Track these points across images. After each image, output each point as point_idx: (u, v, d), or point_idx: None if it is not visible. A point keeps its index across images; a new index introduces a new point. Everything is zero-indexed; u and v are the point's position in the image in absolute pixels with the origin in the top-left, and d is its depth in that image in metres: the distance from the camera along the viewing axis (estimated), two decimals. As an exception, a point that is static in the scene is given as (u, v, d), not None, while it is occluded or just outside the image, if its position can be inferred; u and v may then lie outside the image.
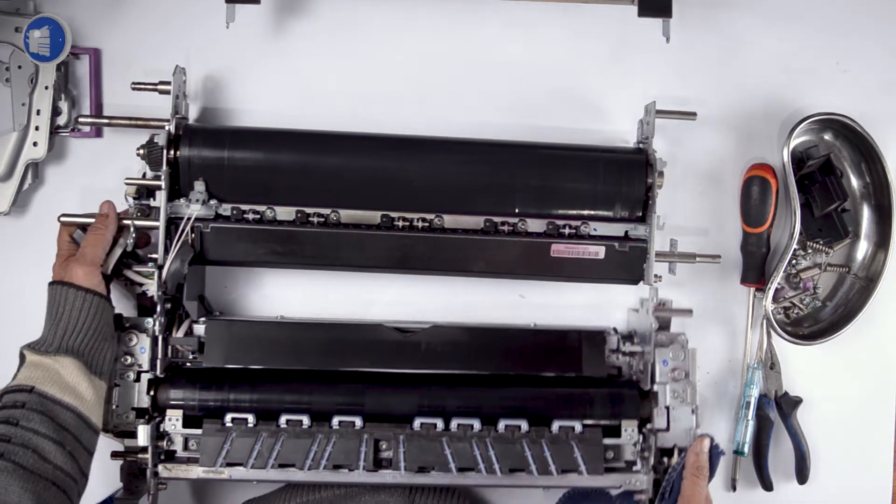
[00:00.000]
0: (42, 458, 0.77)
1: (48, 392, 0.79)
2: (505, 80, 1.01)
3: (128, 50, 0.98)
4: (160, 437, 0.90)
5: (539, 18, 1.01)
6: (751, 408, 1.01)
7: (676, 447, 0.92)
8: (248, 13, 0.97)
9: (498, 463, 0.89)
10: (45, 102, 0.95)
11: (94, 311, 0.84)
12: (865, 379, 1.04)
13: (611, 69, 1.02)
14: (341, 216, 0.93)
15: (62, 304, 0.84)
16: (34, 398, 0.79)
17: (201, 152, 0.91)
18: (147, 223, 0.90)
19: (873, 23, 1.04)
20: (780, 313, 1.03)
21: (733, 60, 1.03)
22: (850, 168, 1.02)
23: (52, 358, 0.81)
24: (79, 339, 0.83)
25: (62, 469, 0.78)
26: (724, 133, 1.03)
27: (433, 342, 0.94)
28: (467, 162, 0.94)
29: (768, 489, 1.02)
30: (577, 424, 0.91)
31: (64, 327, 0.83)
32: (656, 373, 0.93)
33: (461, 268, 0.95)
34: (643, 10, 0.94)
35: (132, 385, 0.90)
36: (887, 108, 1.03)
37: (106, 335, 0.86)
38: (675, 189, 1.01)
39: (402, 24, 1.01)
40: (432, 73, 1.01)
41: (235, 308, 1.01)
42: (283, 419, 0.90)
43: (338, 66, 1.01)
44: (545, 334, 0.96)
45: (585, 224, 0.94)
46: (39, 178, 0.99)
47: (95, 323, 0.84)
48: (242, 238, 0.92)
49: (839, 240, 1.02)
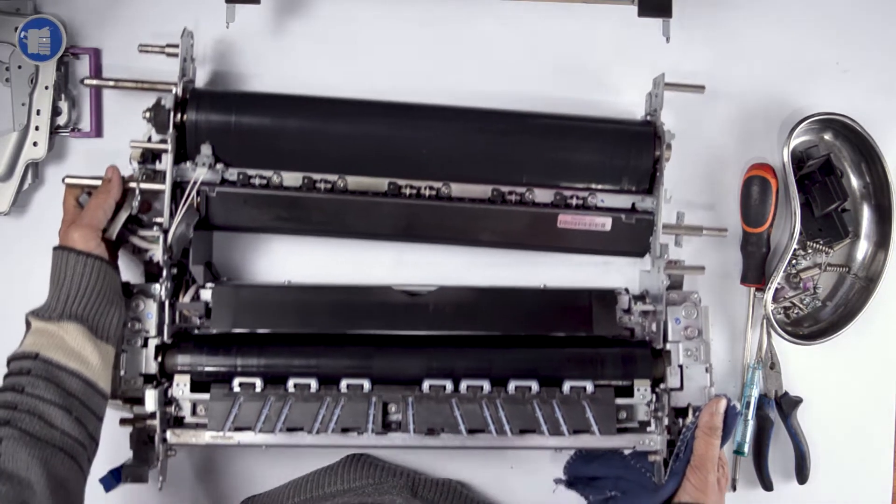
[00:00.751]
0: (48, 424, 0.76)
1: (53, 358, 0.79)
2: (513, 55, 1.01)
3: (128, 50, 0.97)
4: (168, 403, 0.90)
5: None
6: (751, 408, 1.00)
7: (690, 406, 0.90)
8: (248, 13, 0.97)
9: (508, 424, 0.88)
10: (45, 102, 0.96)
11: (96, 275, 0.84)
12: (865, 379, 1.04)
13: (611, 69, 1.01)
14: (348, 183, 0.93)
15: (63, 269, 0.84)
16: (39, 364, 0.78)
17: (208, 116, 0.91)
18: (152, 186, 0.90)
19: (873, 23, 1.03)
20: (780, 313, 1.03)
21: (733, 60, 1.02)
22: (850, 168, 1.02)
23: (56, 324, 0.81)
24: (82, 303, 0.83)
25: (70, 435, 0.77)
26: (724, 133, 1.02)
27: (441, 304, 0.92)
28: (475, 131, 0.94)
29: (768, 489, 1.01)
30: (588, 384, 0.89)
31: (66, 292, 0.83)
32: (668, 331, 0.91)
33: (468, 237, 0.95)
34: (643, 10, 0.93)
35: (139, 351, 0.89)
36: (887, 108, 1.02)
37: (111, 299, 0.85)
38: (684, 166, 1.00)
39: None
40: (436, 60, 1.01)
41: (242, 275, 1.01)
42: (290, 383, 0.89)
43: (338, 64, 1.01)
44: (555, 294, 0.95)
45: (593, 195, 0.94)
46: (39, 178, 0.99)
47: (99, 287, 0.84)
48: (248, 203, 0.92)
49: (839, 240, 1.01)
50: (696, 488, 0.85)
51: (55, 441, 0.76)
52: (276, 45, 1.00)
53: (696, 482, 0.86)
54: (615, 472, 0.94)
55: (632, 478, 0.92)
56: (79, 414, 0.79)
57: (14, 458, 0.72)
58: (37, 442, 0.74)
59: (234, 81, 1.00)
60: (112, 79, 0.94)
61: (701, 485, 0.85)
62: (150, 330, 0.90)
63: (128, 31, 0.99)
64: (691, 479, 0.86)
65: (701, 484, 0.85)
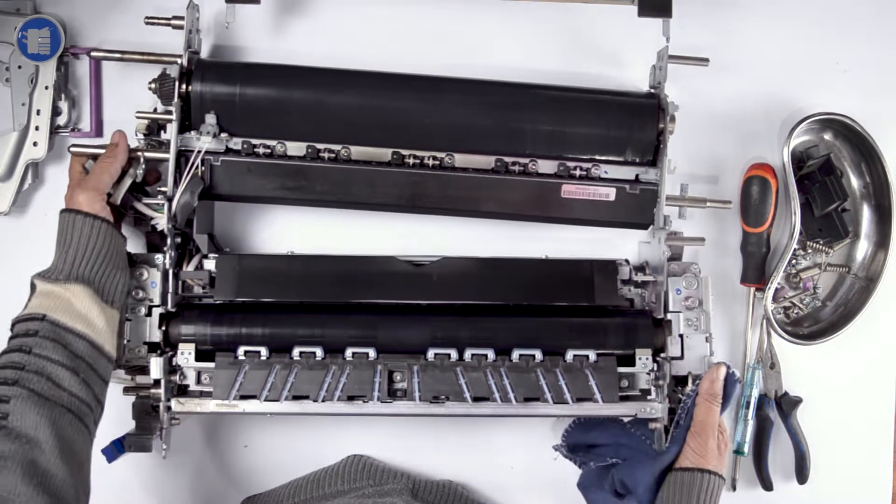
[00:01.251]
0: (56, 384, 0.76)
1: (60, 320, 0.79)
2: (513, 54, 1.02)
3: (127, 48, 0.96)
4: (172, 372, 0.90)
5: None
6: (751, 408, 1.01)
7: (691, 375, 0.92)
8: (248, 13, 0.98)
9: (513, 392, 0.89)
10: (45, 102, 0.96)
11: (103, 238, 0.84)
12: (865, 379, 1.04)
13: (610, 67, 1.02)
14: (352, 152, 0.93)
15: (70, 230, 0.83)
16: (46, 326, 0.78)
17: (213, 87, 0.91)
18: (157, 155, 0.90)
19: (873, 23, 1.04)
20: (780, 313, 1.03)
21: (733, 60, 1.03)
22: (850, 168, 1.02)
23: (62, 286, 0.81)
24: (89, 265, 0.83)
25: (77, 396, 0.77)
26: (724, 133, 1.03)
27: (445, 274, 0.93)
28: (479, 102, 0.94)
29: (768, 489, 1.02)
30: (591, 353, 0.90)
31: (73, 254, 0.83)
32: (669, 301, 0.93)
33: (471, 207, 0.95)
34: (643, 9, 0.93)
35: (143, 320, 0.89)
36: (887, 108, 1.03)
37: (117, 263, 0.85)
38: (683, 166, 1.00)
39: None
40: (438, 48, 1.02)
41: (245, 247, 1.01)
42: (295, 352, 0.89)
43: (340, 43, 1.01)
44: (557, 264, 0.96)
45: (596, 166, 0.94)
46: (39, 178, 0.99)
47: (105, 249, 0.84)
48: (252, 172, 0.92)
49: (839, 240, 1.02)
50: (696, 454, 0.87)
51: (63, 401, 0.76)
52: (276, 45, 1.01)
53: (696, 448, 0.87)
54: (614, 440, 0.95)
55: (631, 444, 0.93)
56: (86, 376, 0.78)
57: (23, 417, 0.72)
58: (45, 402, 0.74)
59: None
60: (118, 51, 0.94)
61: (701, 450, 0.87)
62: (154, 299, 0.90)
63: (128, 31, 0.98)
64: (692, 444, 0.87)
65: (701, 449, 0.87)
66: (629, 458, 0.92)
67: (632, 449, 0.93)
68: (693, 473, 0.86)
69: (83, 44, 0.98)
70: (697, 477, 0.85)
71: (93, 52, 0.94)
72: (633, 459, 0.92)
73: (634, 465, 0.90)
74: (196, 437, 1.01)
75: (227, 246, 0.99)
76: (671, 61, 0.94)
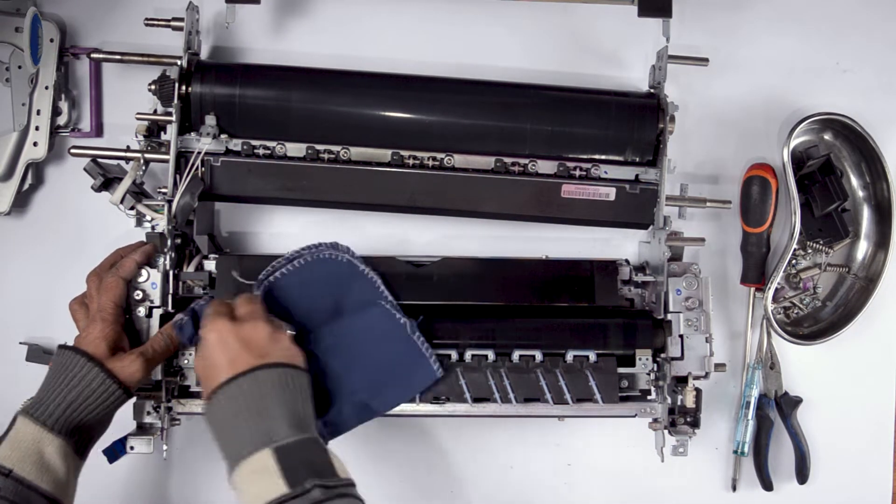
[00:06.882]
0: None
1: (26, 478, 0.75)
2: (512, 53, 1.02)
3: (127, 50, 0.95)
4: (173, 374, 0.90)
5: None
6: (751, 408, 1.01)
7: (691, 375, 0.91)
8: (248, 13, 0.98)
9: (513, 392, 0.89)
10: (45, 102, 0.96)
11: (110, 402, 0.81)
12: (865, 379, 1.04)
13: (610, 67, 1.02)
14: (352, 153, 0.93)
15: (70, 375, 0.80)
16: (10, 484, 0.75)
17: (213, 89, 0.91)
18: (157, 156, 0.90)
19: (873, 23, 1.04)
20: (780, 313, 1.03)
21: (733, 60, 1.03)
22: (850, 168, 1.02)
23: (46, 432, 0.77)
24: (79, 417, 0.79)
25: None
26: (724, 133, 1.03)
27: (445, 274, 0.93)
28: (479, 102, 0.94)
29: (768, 489, 1.02)
30: (591, 354, 0.90)
31: (69, 402, 0.79)
32: (669, 302, 0.92)
33: (471, 207, 0.95)
34: (643, 9, 0.93)
35: (144, 321, 0.89)
36: (887, 108, 1.03)
37: (104, 421, 0.82)
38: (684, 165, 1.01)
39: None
40: (438, 48, 1.02)
41: (245, 247, 1.01)
42: (296, 352, 0.89)
43: (338, 45, 1.01)
44: (557, 265, 0.96)
45: (596, 166, 0.94)
46: (39, 179, 0.99)
47: (106, 414, 0.81)
48: (252, 173, 0.92)
49: (839, 240, 1.02)
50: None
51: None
52: (276, 46, 1.01)
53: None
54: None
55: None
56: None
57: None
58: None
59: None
60: (118, 52, 0.94)
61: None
62: (154, 300, 0.89)
63: (128, 31, 0.98)
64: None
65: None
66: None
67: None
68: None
69: (83, 44, 0.98)
70: None
71: (93, 55, 0.94)
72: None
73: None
74: (196, 438, 1.01)
75: (227, 247, 1.00)
76: (671, 61, 0.94)
